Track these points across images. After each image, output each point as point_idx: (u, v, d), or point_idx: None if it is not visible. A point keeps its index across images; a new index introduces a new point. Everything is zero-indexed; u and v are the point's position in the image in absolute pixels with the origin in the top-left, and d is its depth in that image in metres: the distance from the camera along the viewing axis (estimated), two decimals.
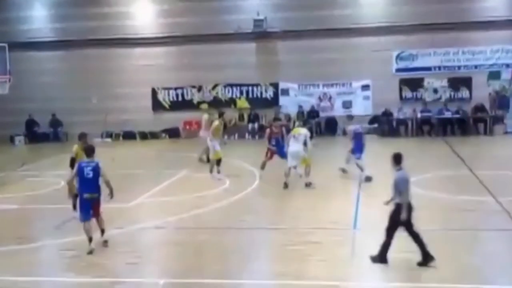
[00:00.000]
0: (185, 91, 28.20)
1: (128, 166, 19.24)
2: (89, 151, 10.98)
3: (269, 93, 27.62)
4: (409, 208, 9.22)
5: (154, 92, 28.35)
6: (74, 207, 12.77)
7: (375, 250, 9.39)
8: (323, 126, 27.15)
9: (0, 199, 15.01)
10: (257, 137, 25.97)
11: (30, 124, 28.39)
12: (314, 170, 15.88)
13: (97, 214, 10.87)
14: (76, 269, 9.70)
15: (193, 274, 9.14)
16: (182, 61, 27.75)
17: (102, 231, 10.92)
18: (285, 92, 27.51)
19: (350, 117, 18.45)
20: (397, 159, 9.48)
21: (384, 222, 11.72)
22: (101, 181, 10.79)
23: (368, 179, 15.61)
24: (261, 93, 27.68)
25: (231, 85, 27.74)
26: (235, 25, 26.65)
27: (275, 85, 27.52)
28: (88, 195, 10.64)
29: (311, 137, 22.96)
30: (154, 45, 28.07)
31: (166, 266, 9.96)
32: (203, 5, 27.27)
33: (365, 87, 26.96)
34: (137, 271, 9.61)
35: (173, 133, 28.04)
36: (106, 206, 13.79)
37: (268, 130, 16.84)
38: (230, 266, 9.50)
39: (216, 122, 17.30)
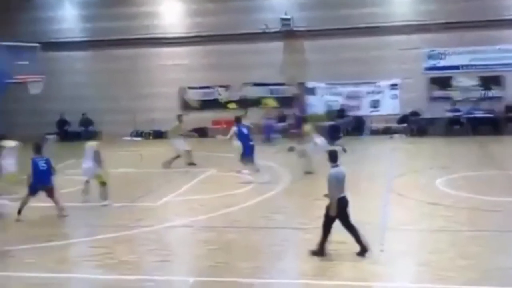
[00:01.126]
0: (212, 90, 28.36)
1: (157, 165, 19.41)
2: (37, 148, 12.95)
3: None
4: (344, 203, 9.69)
5: (182, 92, 28.56)
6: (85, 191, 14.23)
7: (405, 249, 9.35)
8: (350, 126, 27.00)
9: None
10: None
11: (62, 123, 28.84)
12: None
13: (53, 196, 12.98)
14: (106, 267, 9.85)
15: (222, 273, 9.21)
16: (210, 60, 27.90)
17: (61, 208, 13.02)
18: (312, 91, 27.46)
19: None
20: (332, 156, 9.92)
21: (413, 222, 11.72)
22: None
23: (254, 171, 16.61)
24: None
25: (258, 85, 27.79)
26: (262, 24, 26.70)
27: (302, 85, 27.46)
28: (42, 186, 12.76)
29: (339, 137, 23.21)
30: (182, 44, 28.28)
31: (195, 264, 10.06)
32: (231, 5, 27.38)
33: (393, 86, 26.75)
34: (167, 269, 9.72)
35: (200, 132, 28.18)
36: (135, 205, 14.07)
37: None
38: (258, 265, 9.54)
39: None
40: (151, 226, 12.19)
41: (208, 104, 28.19)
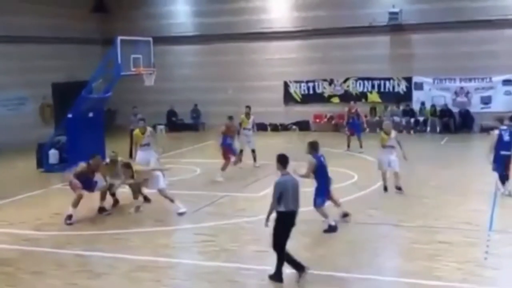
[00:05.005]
0: (316, 84, 28.33)
1: (260, 157, 19.68)
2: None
3: (402, 87, 26.96)
4: (290, 218, 8.37)
5: (286, 85, 28.77)
6: None
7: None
8: (458, 122, 25.99)
9: None
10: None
11: (171, 114, 30.00)
12: (449, 169, 15.30)
13: None
14: (207, 253, 10.21)
15: (319, 266, 9.23)
16: (315, 54, 27.87)
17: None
18: (419, 86, 26.69)
19: None
20: (282, 161, 8.50)
21: None
22: None
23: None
24: (393, 87, 27.08)
25: (363, 79, 27.43)
26: (369, 18, 26.30)
27: (408, 79, 26.79)
28: None
29: None
30: (287, 39, 28.43)
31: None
32: None
33: (507, 82, 25.38)
34: (265, 259, 9.87)
35: (303, 125, 28.33)
36: (239, 195, 14.39)
37: None
38: (355, 260, 9.49)
39: None
40: (253, 216, 12.44)
41: (311, 98, 28.22)
